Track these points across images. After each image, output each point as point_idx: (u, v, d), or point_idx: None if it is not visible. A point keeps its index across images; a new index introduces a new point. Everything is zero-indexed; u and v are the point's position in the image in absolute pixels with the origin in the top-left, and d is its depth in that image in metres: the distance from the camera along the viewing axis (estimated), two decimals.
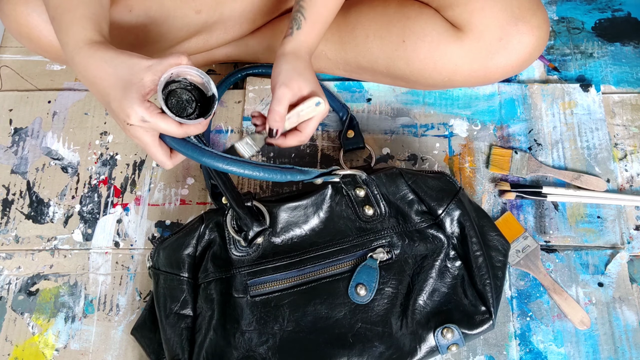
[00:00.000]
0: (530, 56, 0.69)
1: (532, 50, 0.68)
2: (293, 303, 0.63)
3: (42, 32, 0.67)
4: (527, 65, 0.71)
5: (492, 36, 0.67)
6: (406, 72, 0.73)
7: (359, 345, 0.61)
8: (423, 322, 0.62)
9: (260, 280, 0.64)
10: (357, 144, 0.78)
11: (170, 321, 0.63)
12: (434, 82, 0.73)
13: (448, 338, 0.61)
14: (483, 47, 0.68)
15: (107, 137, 0.83)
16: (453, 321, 0.62)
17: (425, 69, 0.71)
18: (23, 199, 0.79)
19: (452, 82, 0.73)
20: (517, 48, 0.67)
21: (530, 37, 0.67)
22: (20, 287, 0.75)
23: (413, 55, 0.71)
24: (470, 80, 0.72)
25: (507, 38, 0.67)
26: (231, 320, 0.63)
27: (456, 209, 0.65)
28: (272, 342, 0.62)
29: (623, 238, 0.76)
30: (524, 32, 0.67)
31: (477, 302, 0.63)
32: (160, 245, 0.66)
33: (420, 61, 0.71)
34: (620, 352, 0.70)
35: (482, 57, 0.68)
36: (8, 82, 0.87)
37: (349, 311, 0.63)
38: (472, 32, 0.67)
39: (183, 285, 0.64)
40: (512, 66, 0.69)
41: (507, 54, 0.68)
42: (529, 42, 0.67)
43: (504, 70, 0.70)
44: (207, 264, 0.64)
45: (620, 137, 0.82)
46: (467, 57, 0.69)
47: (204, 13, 0.72)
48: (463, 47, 0.68)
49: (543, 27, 0.67)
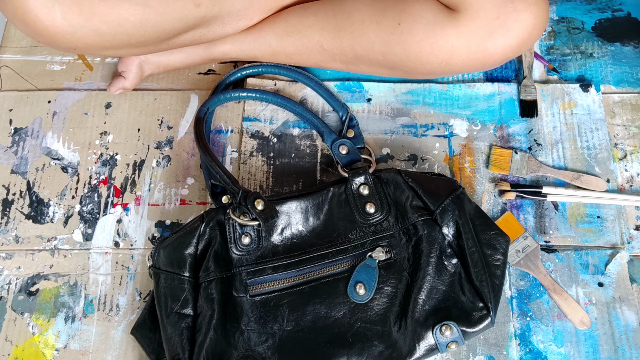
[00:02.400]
0: (529, 35, 0.67)
1: (532, 29, 0.67)
2: (292, 303, 0.63)
3: (38, 15, 0.65)
4: (527, 46, 0.69)
5: (488, 15, 0.65)
6: (402, 57, 0.72)
7: (359, 345, 0.61)
8: (422, 321, 0.62)
9: (259, 279, 0.64)
10: (357, 144, 0.78)
11: (171, 320, 0.63)
12: (432, 67, 0.72)
13: (447, 335, 0.61)
14: (479, 27, 0.66)
15: (107, 137, 0.83)
16: (451, 318, 0.62)
17: (421, 52, 0.70)
18: (23, 199, 0.79)
19: (450, 67, 0.72)
20: (514, 26, 0.66)
21: (528, 15, 0.66)
22: (20, 287, 0.75)
23: (409, 37, 0.70)
24: (468, 64, 0.70)
25: (504, 16, 0.65)
26: (231, 319, 0.63)
27: (453, 206, 0.65)
28: (271, 342, 0.62)
29: (623, 238, 0.76)
30: (521, 10, 0.65)
31: (475, 299, 0.63)
32: (161, 245, 0.66)
33: (416, 44, 0.70)
34: (620, 352, 0.70)
35: (479, 38, 0.67)
36: (8, 82, 0.87)
37: (349, 310, 0.63)
38: (467, 11, 0.66)
39: (184, 285, 0.64)
40: (511, 46, 0.68)
41: (505, 33, 0.66)
42: (527, 19, 0.66)
43: (502, 51, 0.68)
44: (208, 263, 0.64)
45: (620, 137, 0.82)
46: (464, 38, 0.67)
47: (203, 6, 0.71)
48: (459, 28, 0.67)
49: (541, 4, 0.66)
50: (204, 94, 0.85)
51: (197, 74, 0.87)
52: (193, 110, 0.84)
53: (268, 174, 0.80)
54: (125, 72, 0.82)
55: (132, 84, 0.82)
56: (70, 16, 0.63)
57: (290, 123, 0.83)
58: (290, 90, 0.84)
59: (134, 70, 0.81)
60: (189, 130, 0.83)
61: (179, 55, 0.82)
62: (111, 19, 0.65)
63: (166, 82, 0.86)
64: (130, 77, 0.82)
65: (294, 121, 0.83)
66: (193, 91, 0.85)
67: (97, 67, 0.88)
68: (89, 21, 0.64)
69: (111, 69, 0.87)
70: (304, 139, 0.82)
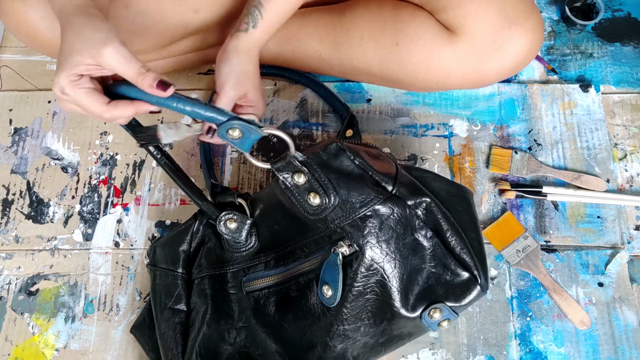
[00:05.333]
0: (524, 59, 0.69)
1: (527, 54, 0.68)
2: (280, 300, 0.62)
3: (40, 29, 0.67)
4: (521, 68, 0.71)
5: (485, 39, 0.66)
6: (399, 74, 0.73)
7: (341, 339, 0.58)
8: (409, 310, 0.58)
9: (252, 276, 0.63)
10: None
11: (165, 316, 0.64)
12: (428, 84, 0.73)
13: (436, 318, 0.57)
14: (476, 50, 0.67)
15: (107, 137, 0.83)
16: (438, 298, 0.57)
17: (418, 72, 0.71)
18: (23, 199, 0.79)
19: (446, 85, 0.73)
20: (510, 51, 0.67)
21: (524, 40, 0.67)
22: (20, 287, 0.75)
23: (406, 58, 0.71)
24: (464, 83, 0.72)
25: (500, 41, 0.66)
26: (224, 315, 0.63)
27: (407, 179, 0.59)
28: (264, 336, 0.62)
29: (623, 238, 0.76)
30: (517, 36, 0.66)
31: (458, 269, 0.57)
32: (157, 242, 0.67)
33: (413, 64, 0.71)
34: (620, 352, 0.70)
35: (475, 60, 0.68)
36: (8, 82, 0.87)
37: (327, 310, 0.58)
38: (466, 35, 0.67)
39: (177, 281, 0.65)
40: (505, 69, 0.69)
41: (501, 57, 0.68)
42: (523, 45, 0.67)
43: (497, 74, 0.70)
44: (201, 260, 0.65)
45: (620, 137, 0.82)
46: (461, 60, 0.68)
47: (202, 12, 0.71)
48: (456, 50, 0.68)
49: (537, 30, 0.67)
50: (204, 94, 0.85)
51: (197, 74, 0.87)
52: None
53: (268, 173, 0.80)
54: None
55: None
56: None
57: (290, 123, 0.83)
58: (291, 90, 0.84)
59: None
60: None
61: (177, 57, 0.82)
62: None
63: None
64: None
65: (294, 121, 0.83)
66: (193, 91, 0.85)
67: None
68: None
69: None
70: (304, 139, 0.82)
